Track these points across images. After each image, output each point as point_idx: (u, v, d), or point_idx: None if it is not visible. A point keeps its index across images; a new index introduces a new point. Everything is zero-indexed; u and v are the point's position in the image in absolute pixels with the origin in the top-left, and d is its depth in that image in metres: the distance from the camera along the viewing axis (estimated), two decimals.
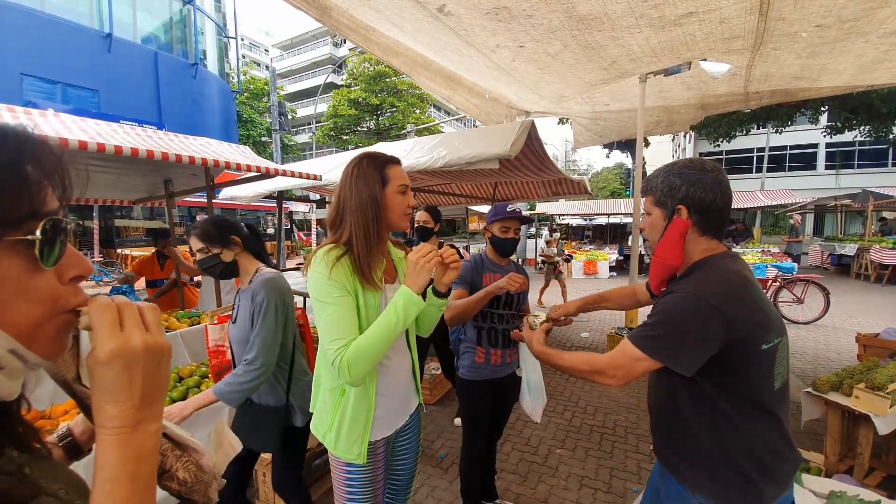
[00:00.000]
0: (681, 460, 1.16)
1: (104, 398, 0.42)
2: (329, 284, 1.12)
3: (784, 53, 3.36)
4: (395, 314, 1.09)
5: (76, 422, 0.69)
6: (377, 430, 1.27)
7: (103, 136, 2.46)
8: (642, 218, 1.27)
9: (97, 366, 0.42)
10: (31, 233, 0.37)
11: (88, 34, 12.23)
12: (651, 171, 1.30)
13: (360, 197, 1.19)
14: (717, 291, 1.04)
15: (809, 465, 2.46)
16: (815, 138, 20.88)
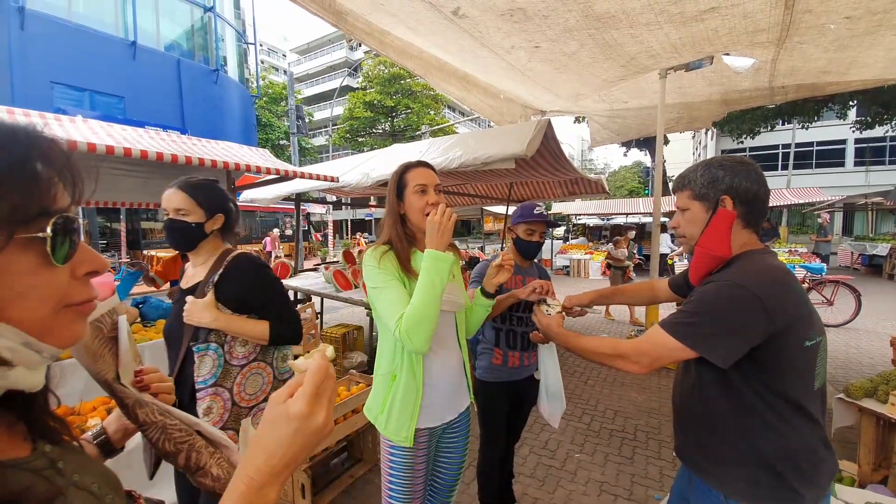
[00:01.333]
0: (709, 461, 1.11)
1: (261, 446, 0.46)
2: (379, 272, 1.28)
3: (811, 47, 3.24)
4: (426, 276, 1.20)
5: (109, 420, 0.71)
6: (424, 418, 1.35)
7: (129, 141, 2.55)
8: (677, 215, 1.23)
9: (283, 416, 0.46)
10: (42, 230, 0.38)
11: (114, 42, 12.66)
12: (675, 169, 1.26)
13: (388, 204, 1.40)
14: (759, 282, 1.00)
15: (842, 475, 2.37)
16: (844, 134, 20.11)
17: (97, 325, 0.60)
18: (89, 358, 0.60)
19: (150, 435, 0.64)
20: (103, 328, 0.61)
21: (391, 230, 1.37)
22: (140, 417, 0.64)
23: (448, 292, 1.34)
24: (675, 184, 1.24)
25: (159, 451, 0.65)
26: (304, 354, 0.50)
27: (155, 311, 3.09)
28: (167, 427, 0.65)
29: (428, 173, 1.38)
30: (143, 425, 0.64)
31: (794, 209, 18.33)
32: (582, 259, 12.88)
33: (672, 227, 1.24)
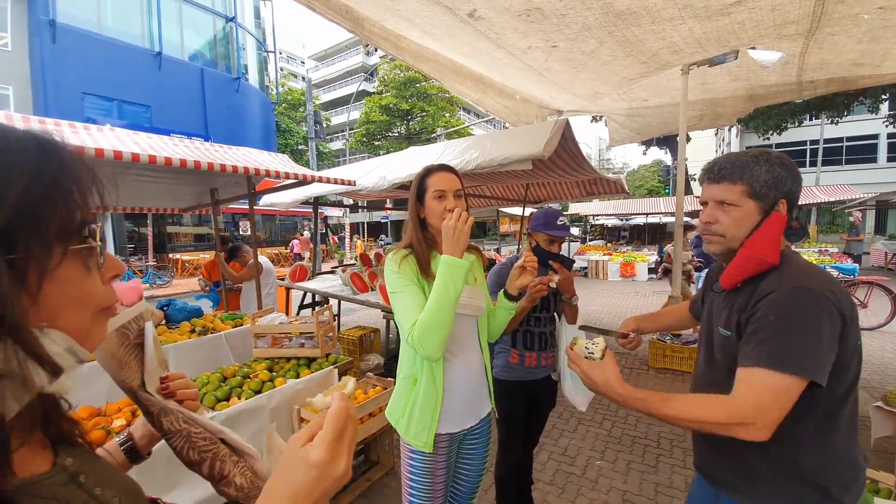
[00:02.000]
0: (748, 480, 1.03)
1: (279, 494, 0.44)
2: (398, 276, 1.28)
3: (842, 38, 3.11)
4: (441, 282, 1.19)
5: (136, 426, 0.72)
6: (444, 423, 1.34)
7: (155, 149, 2.62)
8: (713, 210, 1.07)
9: (302, 463, 0.44)
10: (88, 240, 0.40)
11: (141, 53, 13.14)
12: (697, 168, 1.17)
13: (409, 208, 1.41)
14: (822, 282, 0.92)
15: (879, 486, 2.24)
16: (876, 128, 19.30)
17: (124, 332, 0.60)
18: (115, 365, 0.60)
19: (175, 444, 0.64)
20: (129, 335, 0.61)
21: (412, 234, 1.38)
22: (164, 426, 0.63)
23: (469, 296, 1.33)
24: (718, 172, 1.06)
25: (183, 459, 0.64)
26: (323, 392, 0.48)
27: (180, 313, 3.16)
28: (191, 435, 0.64)
29: (448, 178, 1.37)
30: (167, 434, 0.64)
31: (823, 207, 17.66)
32: (600, 260, 12.67)
33: (705, 221, 1.08)
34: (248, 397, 2.25)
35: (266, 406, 2.25)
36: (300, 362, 2.67)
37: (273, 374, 2.54)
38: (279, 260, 16.52)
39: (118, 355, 0.59)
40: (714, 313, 1.15)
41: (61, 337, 0.38)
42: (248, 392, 2.30)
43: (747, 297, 1.01)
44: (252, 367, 2.59)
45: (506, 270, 2.08)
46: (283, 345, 2.76)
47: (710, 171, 1.09)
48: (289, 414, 2.34)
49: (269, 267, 4.10)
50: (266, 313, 3.01)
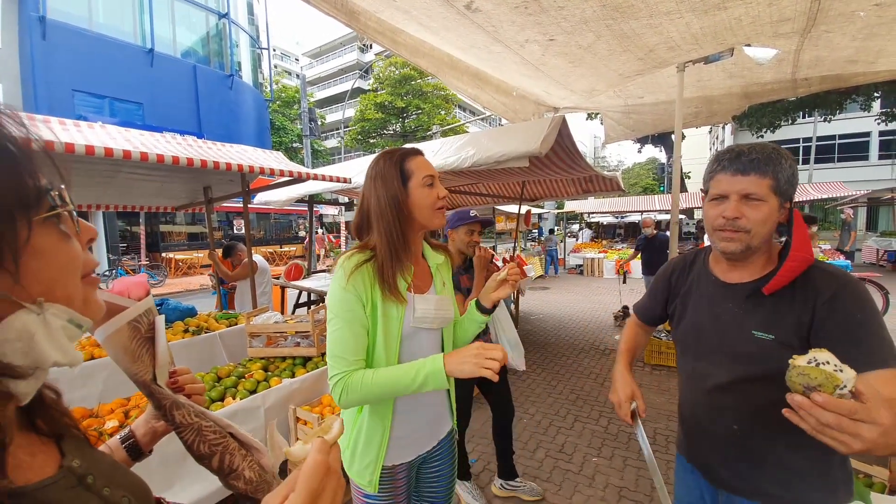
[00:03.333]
0: (786, 486, 1.00)
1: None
2: (344, 294, 1.03)
3: (837, 36, 3.12)
4: (412, 378, 0.98)
5: (138, 424, 0.72)
6: (395, 453, 1.13)
7: (147, 146, 2.57)
8: (736, 204, 0.98)
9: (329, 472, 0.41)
10: (53, 207, 0.38)
11: (133, 50, 12.98)
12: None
13: (380, 198, 1.09)
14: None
15: (873, 481, 2.26)
16: (868, 126, 19.48)
17: (135, 326, 0.60)
18: (128, 359, 0.60)
19: (186, 437, 0.64)
20: (141, 328, 0.61)
21: (388, 233, 1.07)
22: (177, 419, 0.64)
23: (438, 307, 1.14)
24: (747, 163, 0.96)
25: (194, 453, 0.65)
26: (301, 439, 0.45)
27: (173, 312, 3.12)
28: (202, 429, 0.65)
29: (429, 163, 1.16)
30: (179, 427, 0.64)
31: (816, 205, 17.80)
32: (595, 258, 12.71)
33: (732, 217, 0.98)
34: (243, 397, 2.23)
35: (261, 406, 2.23)
36: (296, 362, 2.64)
37: (268, 373, 2.51)
38: (274, 259, 16.43)
39: (130, 349, 0.59)
40: (731, 315, 1.06)
41: (61, 310, 0.38)
42: (243, 392, 2.27)
43: (795, 297, 0.97)
44: (247, 367, 2.56)
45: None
46: (279, 344, 2.73)
47: (735, 160, 0.97)
48: (284, 414, 2.32)
49: (264, 266, 4.07)
50: (261, 312, 2.98)
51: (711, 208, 1.03)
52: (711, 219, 1.03)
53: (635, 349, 1.37)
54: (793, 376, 0.71)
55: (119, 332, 0.57)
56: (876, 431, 0.64)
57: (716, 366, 1.08)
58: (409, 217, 1.10)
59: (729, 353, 1.05)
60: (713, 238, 1.06)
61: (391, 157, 1.12)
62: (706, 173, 1.08)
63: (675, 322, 1.25)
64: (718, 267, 1.14)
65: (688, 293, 1.20)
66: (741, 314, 1.04)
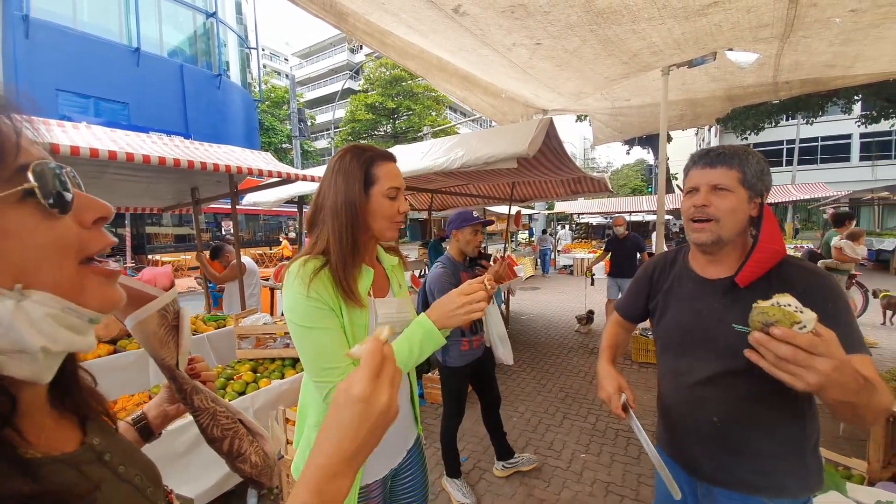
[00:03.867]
0: (764, 473, 1.05)
1: (330, 434, 0.45)
2: (309, 304, 0.95)
3: (815, 41, 3.21)
4: (408, 350, 0.96)
5: (150, 406, 0.75)
6: (370, 471, 1.09)
7: (132, 147, 2.55)
8: (707, 194, 1.04)
9: (344, 399, 0.45)
10: (25, 182, 0.35)
11: (118, 49, 12.80)
12: (678, 167, 1.15)
13: (338, 196, 1.02)
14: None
15: (852, 473, 2.33)
16: (849, 128, 19.96)
17: (163, 314, 0.63)
18: (157, 343, 0.63)
19: (202, 420, 0.68)
20: (168, 316, 0.64)
21: (339, 235, 1.00)
22: (196, 403, 0.68)
23: (399, 310, 1.11)
24: (716, 157, 1.04)
25: (207, 436, 0.69)
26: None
27: None
28: (217, 414, 0.70)
29: (399, 173, 1.10)
30: (196, 410, 0.68)
31: (799, 205, 18.18)
32: (585, 258, 12.83)
33: (700, 205, 1.04)
34: (232, 399, 2.22)
35: (250, 407, 2.23)
36: (285, 363, 2.65)
37: (257, 374, 2.51)
38: (263, 260, 16.27)
39: (159, 334, 0.63)
40: (712, 310, 1.09)
41: (46, 297, 0.36)
42: (232, 394, 2.27)
43: (770, 290, 0.96)
44: (235, 369, 2.56)
45: (449, 272, 2.33)
46: (268, 345, 2.73)
47: (705, 156, 1.07)
48: (274, 415, 2.32)
49: (253, 267, 4.05)
50: (250, 314, 2.97)
51: (685, 201, 1.09)
52: (685, 211, 1.09)
53: (617, 346, 1.40)
54: (754, 316, 0.74)
55: (150, 318, 0.60)
56: (830, 364, 0.67)
57: (697, 360, 1.11)
58: (363, 223, 1.04)
59: (710, 347, 1.08)
60: (687, 231, 1.10)
61: (359, 156, 1.05)
62: (683, 172, 1.13)
63: (655, 319, 1.27)
64: (697, 263, 1.17)
65: (669, 290, 1.22)
66: (721, 308, 1.07)
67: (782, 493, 1.03)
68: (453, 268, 2.37)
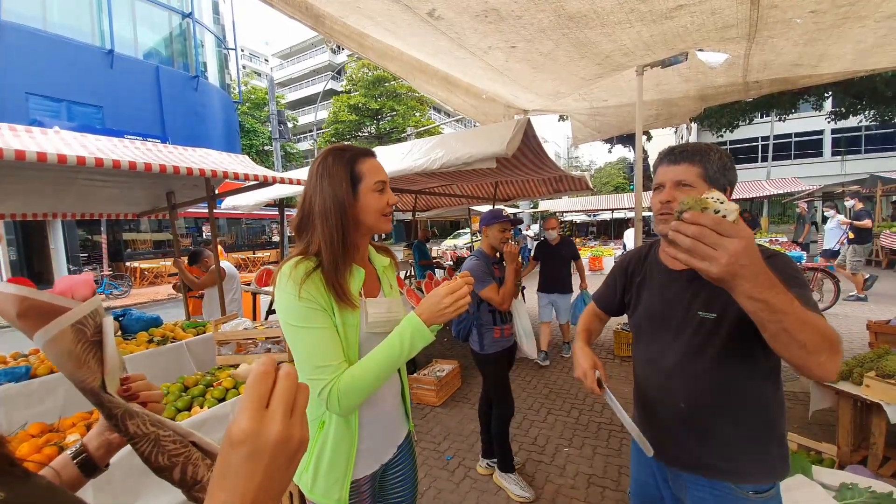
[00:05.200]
0: (729, 458, 1.09)
1: (218, 483, 0.38)
2: (302, 305, 0.97)
3: (780, 41, 3.32)
4: (399, 344, 0.97)
5: (90, 437, 0.67)
6: (361, 466, 1.11)
7: (103, 152, 2.50)
8: (671, 190, 1.08)
9: (227, 441, 0.38)
10: None
11: (91, 51, 12.45)
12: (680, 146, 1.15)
13: (325, 199, 1.04)
14: None
15: (822, 457, 2.43)
16: (820, 125, 20.63)
17: (80, 328, 0.54)
18: (72, 364, 0.54)
19: (142, 448, 0.59)
20: (87, 331, 0.55)
21: (330, 237, 1.02)
22: (130, 429, 0.59)
23: (389, 309, 1.13)
24: (678, 154, 1.09)
25: (152, 465, 0.59)
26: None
27: (136, 323, 3.04)
28: (160, 439, 0.60)
29: (382, 167, 1.13)
30: (133, 438, 0.59)
31: (774, 200, 18.72)
32: None
33: (664, 200, 1.08)
34: (212, 405, 2.20)
35: (230, 413, 2.20)
36: None
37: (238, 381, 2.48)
38: (247, 265, 16.04)
39: (75, 353, 0.54)
40: (679, 298, 1.14)
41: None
42: (211, 401, 2.24)
43: None
44: (215, 375, 2.52)
45: (483, 264, 2.53)
46: (249, 351, 2.70)
47: (668, 154, 1.12)
48: None
49: (233, 272, 4.00)
50: (230, 319, 2.94)
51: (653, 197, 1.14)
52: (653, 206, 1.14)
53: (591, 332, 1.45)
54: (676, 210, 0.72)
55: (62, 334, 0.52)
56: (739, 244, 0.66)
57: (667, 348, 1.16)
58: (355, 221, 1.07)
59: (678, 334, 1.14)
60: (655, 224, 1.15)
61: (341, 157, 1.07)
62: (652, 170, 1.18)
63: (631, 310, 1.33)
64: (666, 257, 1.22)
65: (642, 282, 1.28)
66: (688, 296, 1.13)
67: (747, 479, 1.07)
68: (485, 260, 2.56)
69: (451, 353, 5.02)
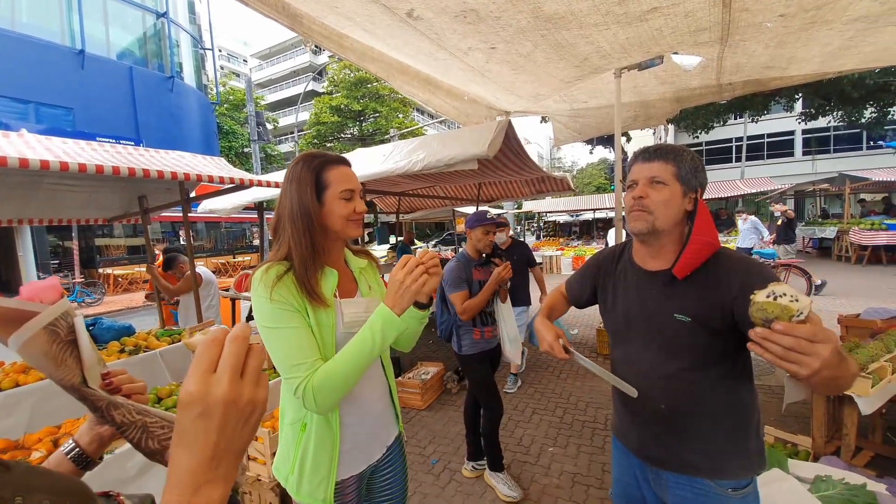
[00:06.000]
0: (709, 456, 1.10)
1: (176, 444, 0.40)
2: (273, 307, 0.99)
3: (752, 44, 3.42)
4: (370, 337, 0.98)
5: (81, 433, 0.70)
6: (345, 466, 1.12)
7: (69, 155, 2.41)
8: (644, 186, 1.10)
9: (179, 407, 0.40)
10: None
11: (60, 51, 12.01)
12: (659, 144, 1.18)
13: (293, 204, 1.07)
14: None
15: (798, 449, 2.49)
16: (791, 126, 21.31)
17: (53, 330, 0.56)
18: (51, 364, 0.57)
19: (131, 436, 0.63)
20: (60, 332, 0.58)
21: (298, 240, 1.05)
22: (117, 419, 0.62)
23: (367, 309, 1.12)
24: (652, 152, 1.12)
25: (143, 451, 0.63)
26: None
27: (108, 332, 2.93)
28: (148, 426, 0.64)
29: (352, 174, 1.14)
30: (121, 427, 0.63)
31: (747, 199, 19.28)
32: (554, 255, 13.15)
33: (637, 196, 1.10)
34: None
35: None
36: None
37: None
38: (226, 270, 15.69)
39: (52, 353, 0.56)
40: (655, 300, 1.14)
41: None
42: None
43: (709, 281, 1.07)
44: None
45: (460, 267, 2.51)
46: None
47: (643, 152, 1.14)
48: None
49: (210, 277, 3.89)
50: (206, 326, 2.86)
51: (627, 195, 1.15)
52: (626, 203, 1.15)
53: (553, 309, 1.49)
54: (753, 312, 0.77)
55: (35, 338, 0.54)
56: (828, 348, 0.71)
57: (644, 349, 1.16)
58: (321, 226, 1.09)
59: (655, 336, 1.14)
60: (628, 221, 1.16)
61: (310, 163, 1.09)
62: (627, 168, 1.20)
63: (606, 311, 1.32)
64: (639, 256, 1.22)
65: (616, 282, 1.28)
66: (663, 299, 1.13)
67: (725, 475, 1.08)
68: (466, 263, 2.56)
69: (436, 356, 5.00)
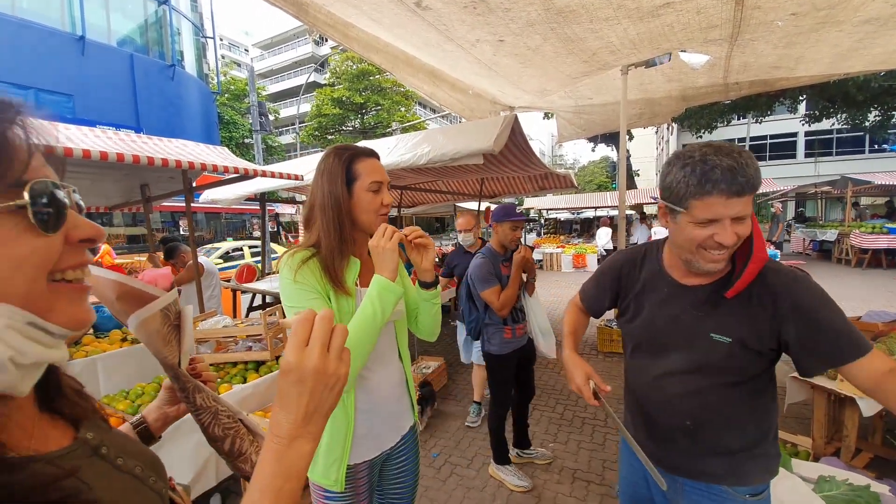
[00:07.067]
0: (731, 463, 1.08)
1: (278, 404, 0.49)
2: (296, 288, 1.04)
3: (761, 43, 3.39)
4: (370, 306, 1.02)
5: (149, 409, 0.76)
6: (357, 451, 1.15)
7: (73, 141, 2.38)
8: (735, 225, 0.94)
9: (280, 374, 0.49)
10: (20, 198, 0.36)
11: (61, 38, 11.90)
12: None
13: (324, 194, 1.11)
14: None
15: (798, 449, 2.50)
16: (795, 127, 21.32)
17: (166, 314, 0.64)
18: (160, 341, 0.64)
19: (203, 419, 0.69)
20: (170, 316, 0.65)
21: (327, 229, 1.10)
22: (198, 401, 0.69)
23: None
24: (747, 184, 0.90)
25: (208, 435, 0.70)
26: None
27: (109, 321, 2.92)
28: (219, 413, 0.71)
29: (381, 167, 1.17)
30: (198, 409, 0.69)
31: None
32: (554, 252, 13.13)
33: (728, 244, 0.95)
34: None
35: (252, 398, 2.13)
36: (248, 366, 2.55)
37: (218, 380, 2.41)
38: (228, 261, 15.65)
39: (162, 332, 0.64)
40: (691, 317, 1.08)
41: (9, 310, 0.35)
42: None
43: (752, 300, 1.01)
44: None
45: (489, 262, 2.47)
46: (229, 349, 2.62)
47: (732, 181, 0.89)
48: None
49: (211, 268, 3.87)
50: (208, 317, 2.85)
51: (699, 229, 0.97)
52: (700, 240, 0.98)
53: (578, 331, 1.39)
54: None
55: (152, 318, 0.61)
56: None
57: (672, 364, 1.11)
58: (350, 217, 1.13)
59: (686, 353, 1.09)
60: (696, 257, 1.02)
61: (340, 155, 1.14)
62: (682, 188, 0.97)
63: (628, 318, 1.25)
64: (675, 270, 1.14)
65: (642, 292, 1.20)
66: (701, 316, 1.06)
67: (745, 481, 1.08)
68: (493, 258, 2.49)
69: (437, 350, 5.00)
